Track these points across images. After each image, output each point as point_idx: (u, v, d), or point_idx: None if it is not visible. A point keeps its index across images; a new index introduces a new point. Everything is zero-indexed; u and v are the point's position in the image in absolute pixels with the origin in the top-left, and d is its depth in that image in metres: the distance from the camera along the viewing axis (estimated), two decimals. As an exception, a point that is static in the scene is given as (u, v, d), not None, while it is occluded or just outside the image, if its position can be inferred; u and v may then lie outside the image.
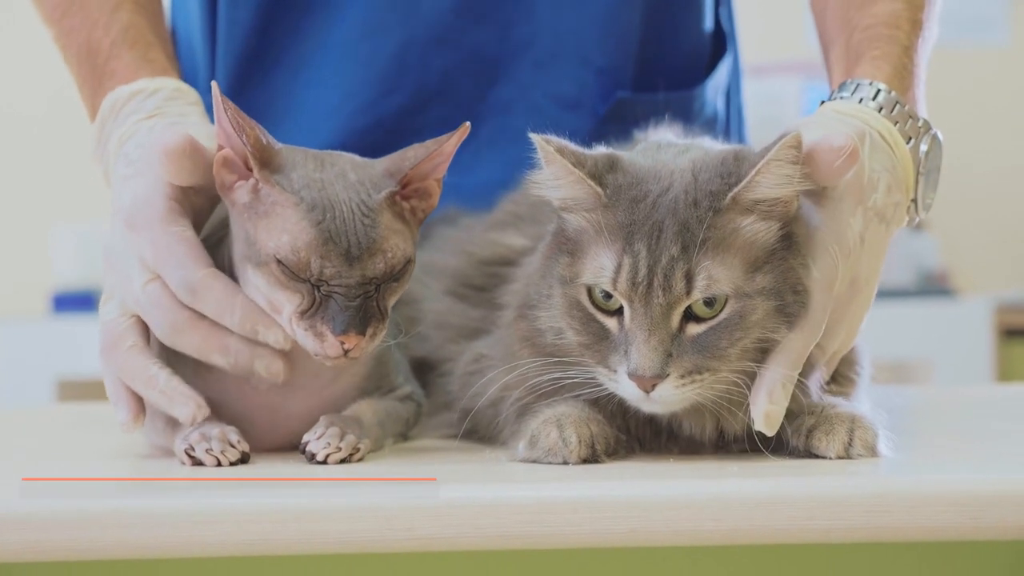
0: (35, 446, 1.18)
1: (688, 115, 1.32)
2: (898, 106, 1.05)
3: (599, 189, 0.93)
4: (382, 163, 1.00)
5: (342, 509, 0.80)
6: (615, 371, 0.92)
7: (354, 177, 0.97)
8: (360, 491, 0.82)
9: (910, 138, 1.04)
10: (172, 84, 1.10)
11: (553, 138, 0.95)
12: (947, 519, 0.80)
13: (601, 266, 0.92)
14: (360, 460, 0.96)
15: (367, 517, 0.79)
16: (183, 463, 0.95)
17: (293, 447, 0.99)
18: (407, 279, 0.98)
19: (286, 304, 0.95)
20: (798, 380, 0.93)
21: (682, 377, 0.90)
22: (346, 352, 0.94)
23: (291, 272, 0.94)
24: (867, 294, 1.01)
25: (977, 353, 3.25)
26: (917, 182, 1.05)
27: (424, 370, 1.12)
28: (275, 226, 0.94)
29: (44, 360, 3.26)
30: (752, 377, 0.92)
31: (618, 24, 1.32)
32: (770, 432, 0.92)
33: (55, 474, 0.96)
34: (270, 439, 1.02)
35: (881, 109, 1.04)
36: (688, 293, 0.90)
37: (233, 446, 0.95)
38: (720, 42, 1.43)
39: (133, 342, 0.98)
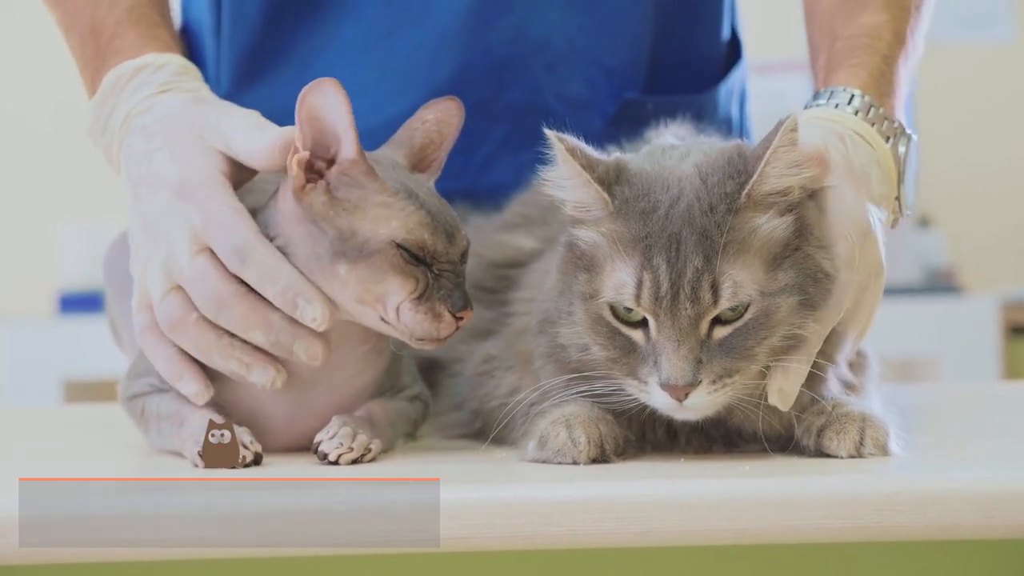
0: (41, 447, 1.18)
1: (700, 119, 1.32)
2: (873, 109, 1.07)
3: (606, 196, 0.93)
4: (399, 157, 1.02)
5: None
6: (646, 382, 0.92)
7: (404, 168, 1.00)
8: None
9: (888, 138, 1.06)
10: (179, 60, 1.11)
11: (568, 137, 0.94)
12: (960, 518, 0.80)
13: (621, 282, 0.92)
14: (372, 460, 0.96)
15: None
16: (196, 465, 0.95)
17: (307, 447, 0.99)
18: (466, 261, 1.00)
19: (397, 292, 0.95)
20: (816, 374, 0.93)
21: (713, 383, 0.90)
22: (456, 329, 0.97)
23: (409, 255, 0.95)
24: (883, 279, 1.02)
25: (984, 350, 3.25)
26: (900, 181, 1.07)
27: (434, 370, 1.12)
28: (379, 215, 0.95)
29: (51, 361, 3.26)
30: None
31: (629, 26, 1.33)
32: (784, 407, 0.92)
33: (61, 475, 0.97)
34: (286, 438, 1.02)
35: (857, 112, 1.06)
36: (715, 303, 0.90)
37: (246, 447, 0.95)
38: (735, 49, 1.44)
39: (197, 315, 0.98)
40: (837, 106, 1.07)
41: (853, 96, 1.07)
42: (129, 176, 1.04)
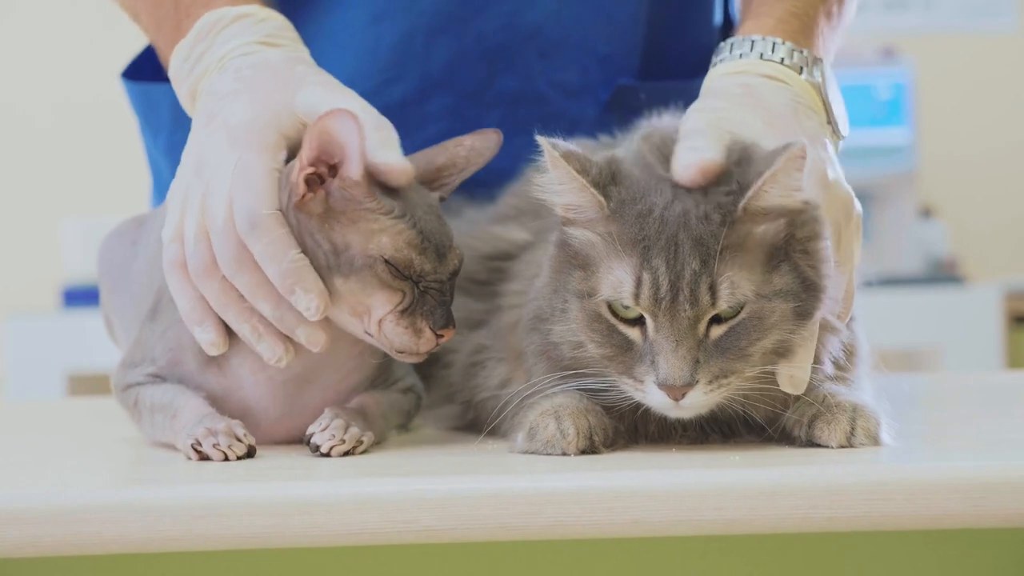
0: (45, 440, 1.19)
1: None
2: (777, 44, 1.06)
3: (602, 198, 0.93)
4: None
5: (342, 501, 0.80)
6: (642, 381, 0.92)
7: (415, 182, 1.00)
8: (361, 483, 0.82)
9: (801, 68, 1.05)
10: (282, 18, 1.10)
11: (559, 142, 0.94)
12: (949, 507, 0.80)
13: (619, 280, 0.92)
14: (363, 453, 0.96)
15: (368, 509, 0.80)
16: (189, 458, 0.96)
17: (299, 440, 0.99)
18: (456, 277, 1.00)
19: (383, 305, 0.96)
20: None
21: (710, 383, 0.90)
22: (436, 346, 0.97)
23: (396, 271, 0.96)
24: (856, 214, 1.02)
25: (986, 340, 3.24)
26: (827, 107, 1.06)
27: (427, 361, 1.12)
28: (371, 229, 0.96)
29: (55, 355, 3.27)
30: (768, 378, 0.92)
31: (623, 12, 1.32)
32: (796, 391, 0.92)
33: (62, 468, 0.97)
34: (279, 432, 1.02)
35: (762, 55, 1.05)
36: (714, 304, 0.90)
37: (239, 440, 0.95)
38: (728, 36, 1.44)
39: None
40: (741, 56, 1.06)
41: (754, 42, 1.06)
42: (205, 111, 1.04)
